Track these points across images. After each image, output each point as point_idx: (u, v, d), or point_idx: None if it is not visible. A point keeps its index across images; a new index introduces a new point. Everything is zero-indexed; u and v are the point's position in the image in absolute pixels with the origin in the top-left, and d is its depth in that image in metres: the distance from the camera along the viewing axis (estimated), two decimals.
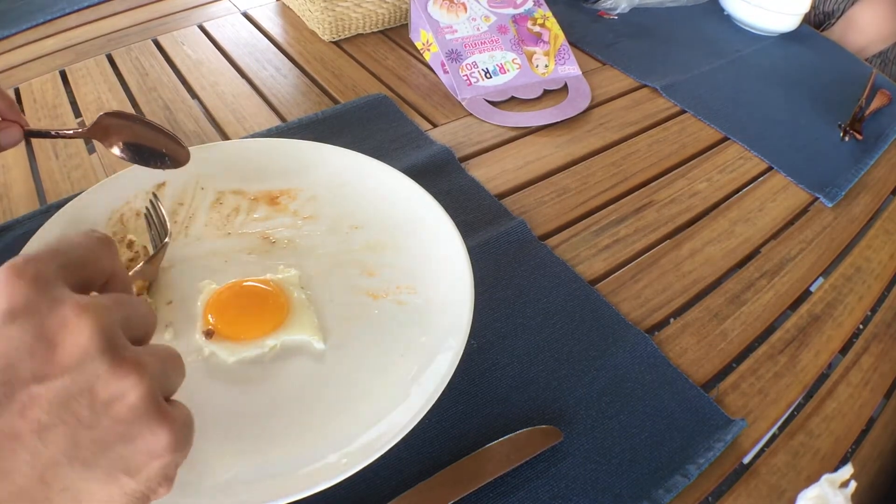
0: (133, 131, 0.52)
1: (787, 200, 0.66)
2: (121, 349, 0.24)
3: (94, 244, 0.27)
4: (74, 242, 0.27)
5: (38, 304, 0.23)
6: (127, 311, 0.26)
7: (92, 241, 0.27)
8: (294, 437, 0.41)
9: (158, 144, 0.52)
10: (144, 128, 0.52)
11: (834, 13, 1.06)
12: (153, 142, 0.52)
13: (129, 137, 0.52)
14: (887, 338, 0.54)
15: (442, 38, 0.77)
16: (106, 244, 0.28)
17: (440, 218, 0.53)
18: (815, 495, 0.37)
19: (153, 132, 0.52)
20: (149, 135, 0.52)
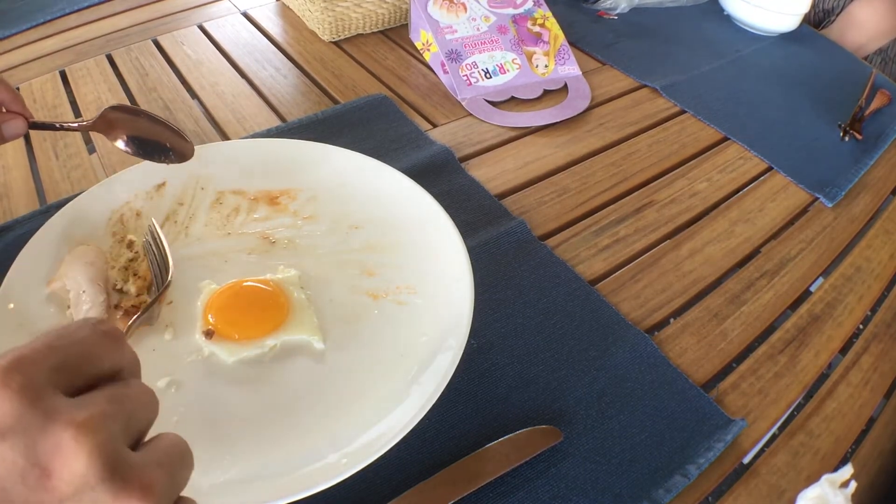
0: (137, 125, 0.52)
1: (787, 200, 0.66)
2: (123, 471, 0.22)
3: (97, 340, 0.25)
4: (74, 337, 0.24)
5: (29, 420, 0.20)
6: (128, 408, 0.24)
7: (96, 335, 0.25)
8: (294, 437, 0.41)
9: (163, 138, 0.52)
10: (149, 122, 0.52)
11: (833, 10, 1.06)
12: (157, 135, 0.52)
13: (134, 131, 0.52)
14: (887, 338, 0.54)
15: (442, 38, 0.77)
16: (111, 339, 0.25)
17: (440, 218, 0.53)
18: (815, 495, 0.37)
19: (157, 126, 0.52)
20: (153, 129, 0.52)
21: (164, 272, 0.48)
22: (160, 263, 0.48)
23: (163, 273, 0.48)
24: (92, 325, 0.25)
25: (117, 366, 0.26)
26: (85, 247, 0.50)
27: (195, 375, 0.44)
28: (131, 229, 0.53)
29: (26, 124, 0.48)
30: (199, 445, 0.40)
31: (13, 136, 0.47)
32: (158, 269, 0.48)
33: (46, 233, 0.50)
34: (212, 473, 0.39)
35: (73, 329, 0.25)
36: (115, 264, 0.50)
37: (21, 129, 0.48)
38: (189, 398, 0.42)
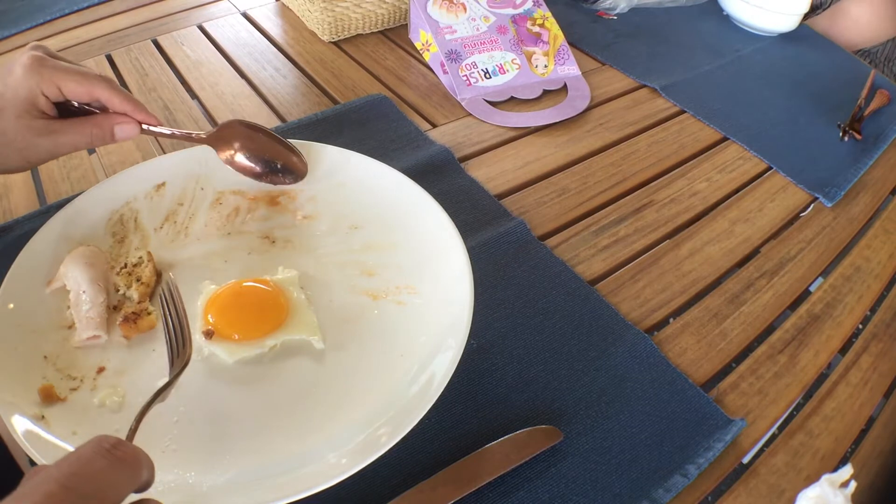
0: (253, 141, 0.53)
1: (787, 200, 0.66)
2: None
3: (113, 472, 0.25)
4: (90, 471, 0.24)
5: None
6: None
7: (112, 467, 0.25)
8: (294, 437, 0.41)
9: (277, 157, 0.53)
10: (266, 138, 0.53)
11: (822, 5, 1.06)
12: (272, 154, 0.53)
13: (248, 148, 0.53)
14: (887, 337, 0.54)
15: (441, 38, 0.77)
16: (128, 468, 0.26)
17: (440, 218, 0.53)
18: (815, 495, 0.37)
19: (274, 144, 0.53)
20: (269, 146, 0.53)
21: (183, 343, 0.40)
22: (177, 331, 0.41)
23: (179, 343, 0.40)
24: (108, 453, 0.25)
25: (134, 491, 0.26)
26: (85, 247, 0.50)
27: (195, 375, 0.44)
28: (131, 229, 0.53)
29: (138, 128, 0.49)
30: (199, 446, 0.40)
31: (125, 138, 0.49)
32: (175, 338, 0.41)
33: (46, 233, 0.50)
34: (211, 474, 0.39)
35: (87, 459, 0.25)
36: (115, 265, 0.50)
37: (135, 133, 0.49)
38: (189, 398, 0.42)
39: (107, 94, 0.47)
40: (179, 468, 0.39)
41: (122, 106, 0.48)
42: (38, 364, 0.43)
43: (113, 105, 0.48)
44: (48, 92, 0.45)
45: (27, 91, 0.44)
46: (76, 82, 0.45)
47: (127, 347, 0.45)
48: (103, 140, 0.48)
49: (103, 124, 0.47)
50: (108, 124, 0.47)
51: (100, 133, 0.47)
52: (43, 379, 0.42)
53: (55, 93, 0.45)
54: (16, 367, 0.42)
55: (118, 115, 0.48)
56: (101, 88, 0.46)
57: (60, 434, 0.39)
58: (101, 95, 0.47)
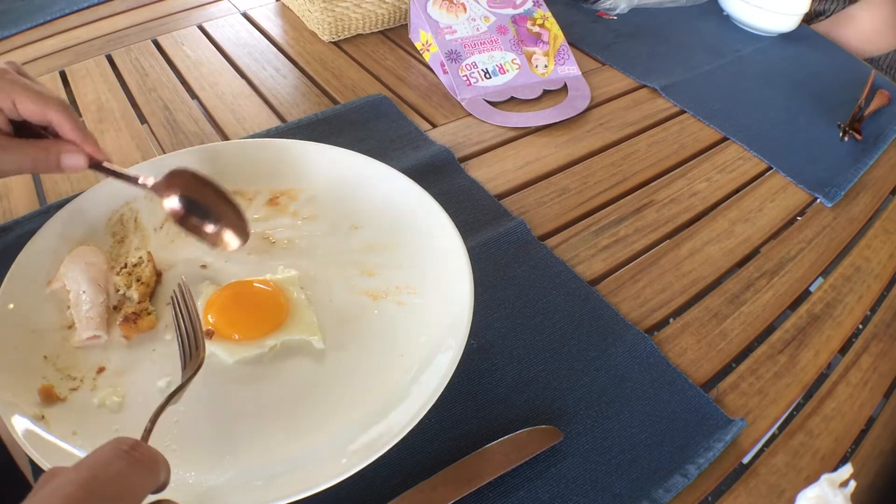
0: (201, 197, 0.48)
1: (787, 200, 0.66)
2: None
3: (133, 474, 0.25)
4: (109, 474, 0.25)
5: None
6: None
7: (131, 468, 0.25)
8: (294, 437, 0.41)
9: (223, 217, 0.48)
10: (214, 196, 0.48)
11: (825, 13, 1.06)
12: (218, 213, 0.48)
13: (194, 203, 0.48)
14: (887, 337, 0.54)
15: (441, 38, 0.77)
16: (147, 469, 0.26)
17: (440, 218, 0.53)
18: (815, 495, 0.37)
19: (220, 202, 0.48)
20: (215, 204, 0.48)
21: (196, 345, 0.40)
22: (190, 333, 0.41)
23: (192, 346, 0.40)
24: (126, 455, 0.25)
25: (152, 491, 0.26)
26: (85, 247, 0.50)
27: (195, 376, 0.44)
28: (131, 229, 0.53)
29: (86, 161, 0.46)
30: (198, 446, 0.40)
31: (72, 170, 0.46)
32: (188, 340, 0.40)
33: (46, 233, 0.50)
34: (211, 474, 0.39)
35: (106, 462, 0.25)
36: (115, 265, 0.50)
37: (81, 165, 0.46)
38: (189, 398, 0.42)
39: (59, 118, 0.44)
40: (179, 468, 0.38)
41: (72, 134, 0.45)
42: (38, 364, 0.43)
43: (63, 131, 0.45)
44: (2, 104, 0.43)
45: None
46: (31, 100, 0.44)
47: (127, 347, 0.45)
48: (48, 166, 0.45)
49: (51, 149, 0.45)
50: (55, 150, 0.45)
51: (45, 157, 0.45)
52: (43, 379, 0.42)
53: (9, 107, 0.44)
54: (16, 367, 0.42)
55: (68, 144, 0.46)
56: (55, 111, 0.44)
57: (60, 434, 0.39)
58: (53, 119, 0.44)
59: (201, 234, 0.49)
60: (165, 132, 0.68)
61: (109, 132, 0.67)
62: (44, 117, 0.44)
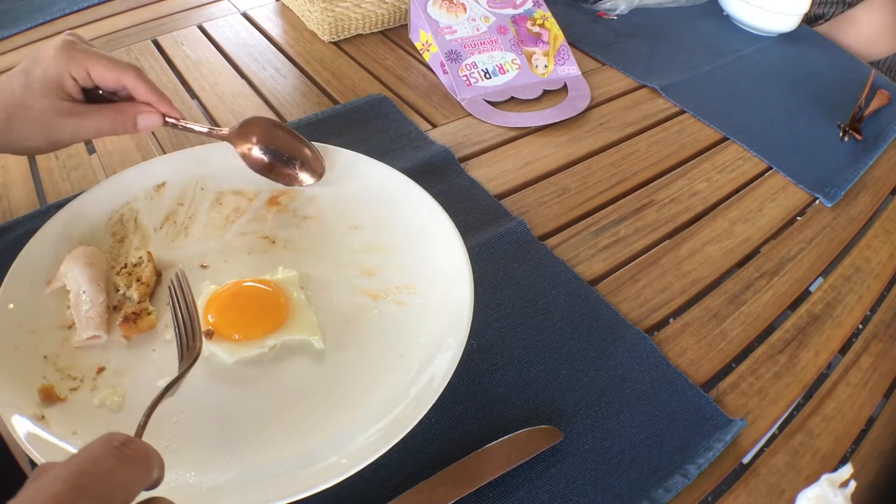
0: (274, 140, 0.54)
1: (787, 200, 0.66)
2: None
3: (123, 471, 0.25)
4: (99, 471, 0.24)
5: None
6: None
7: (122, 465, 0.25)
8: (294, 437, 0.41)
9: (297, 156, 0.54)
10: (287, 137, 0.54)
11: (823, 16, 1.06)
12: (291, 152, 0.54)
13: (268, 146, 0.54)
14: (887, 337, 0.54)
15: (441, 38, 0.77)
16: (138, 465, 0.26)
17: (440, 218, 0.53)
18: (815, 495, 0.37)
19: (293, 142, 0.54)
20: (289, 145, 0.54)
21: (192, 336, 0.40)
22: (186, 324, 0.40)
23: (189, 336, 0.40)
24: (118, 451, 0.25)
25: (144, 488, 0.26)
26: (85, 247, 0.50)
27: (195, 375, 0.44)
28: (131, 229, 0.53)
29: (161, 119, 0.50)
30: (198, 446, 0.40)
31: (147, 128, 0.49)
32: (184, 331, 0.40)
33: (46, 233, 0.50)
34: (211, 474, 0.39)
35: (97, 458, 0.24)
36: (115, 265, 0.50)
37: (157, 124, 0.49)
38: (189, 398, 0.42)
39: (133, 81, 0.47)
40: (179, 468, 0.39)
41: (147, 96, 0.48)
42: (38, 364, 0.43)
43: (138, 94, 0.48)
44: (76, 74, 0.46)
45: (56, 71, 0.45)
46: (105, 67, 0.46)
47: (127, 347, 0.45)
48: (125, 127, 0.48)
49: (127, 111, 0.48)
50: (131, 112, 0.48)
51: (122, 119, 0.48)
52: (43, 379, 0.42)
53: (83, 76, 0.46)
54: (16, 367, 0.42)
55: (142, 105, 0.49)
56: (129, 76, 0.47)
57: (60, 434, 0.39)
58: (128, 83, 0.47)
59: (280, 175, 0.56)
60: (165, 132, 0.68)
61: None
62: (118, 82, 0.47)
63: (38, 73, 0.46)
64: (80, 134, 0.48)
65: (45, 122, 0.46)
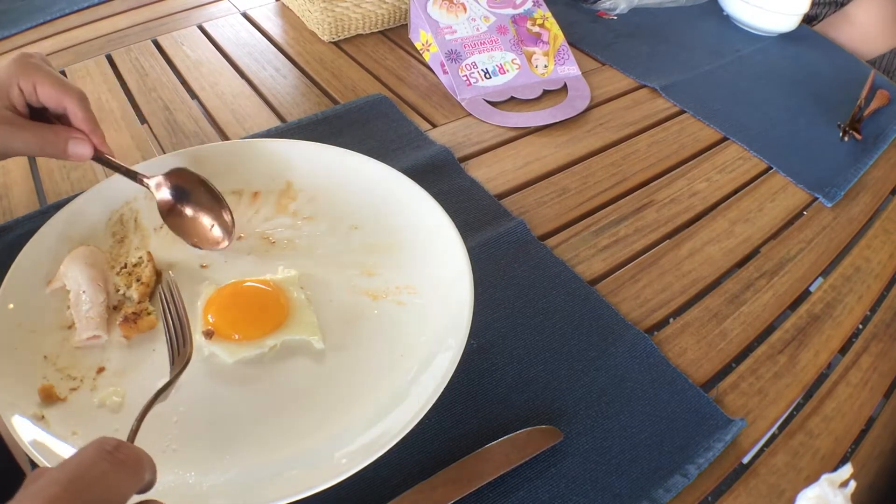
0: (195, 195, 0.52)
1: (787, 200, 0.66)
2: None
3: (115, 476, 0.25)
4: (92, 476, 0.25)
5: None
6: None
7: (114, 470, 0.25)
8: (294, 437, 0.41)
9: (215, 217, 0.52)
10: (207, 195, 0.52)
11: (817, 17, 1.06)
12: (209, 212, 0.52)
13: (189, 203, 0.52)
14: (887, 337, 0.54)
15: (441, 38, 0.77)
16: (130, 471, 0.26)
17: (440, 218, 0.53)
18: (815, 495, 0.37)
19: (212, 202, 0.52)
20: (208, 204, 0.52)
21: (183, 341, 0.40)
22: (177, 329, 0.40)
23: (180, 342, 0.40)
24: (110, 456, 0.25)
25: (137, 492, 0.26)
26: (85, 247, 0.50)
27: (195, 376, 0.44)
28: (131, 229, 0.53)
29: (91, 150, 0.48)
30: (199, 446, 0.40)
31: (77, 158, 0.48)
32: (175, 336, 0.40)
33: (46, 233, 0.50)
34: (212, 474, 0.39)
35: (89, 463, 0.25)
36: (115, 265, 0.50)
37: (86, 155, 0.48)
38: (189, 398, 0.42)
39: (74, 106, 0.47)
40: (179, 468, 0.39)
41: (83, 124, 0.48)
42: (38, 364, 0.43)
43: (76, 119, 0.47)
44: (24, 86, 0.46)
45: (6, 77, 0.46)
46: (51, 85, 0.46)
47: (127, 347, 0.45)
48: (55, 149, 0.47)
49: (60, 134, 0.47)
50: (64, 135, 0.47)
51: (54, 140, 0.47)
52: (43, 379, 0.42)
53: (30, 89, 0.46)
54: (16, 367, 0.42)
55: (77, 132, 0.48)
56: (71, 99, 0.47)
57: (60, 434, 0.39)
58: (69, 106, 0.47)
59: (187, 233, 0.52)
60: (165, 132, 0.68)
61: (109, 132, 0.67)
62: (60, 104, 0.47)
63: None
64: (10, 145, 0.46)
65: None
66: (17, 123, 0.46)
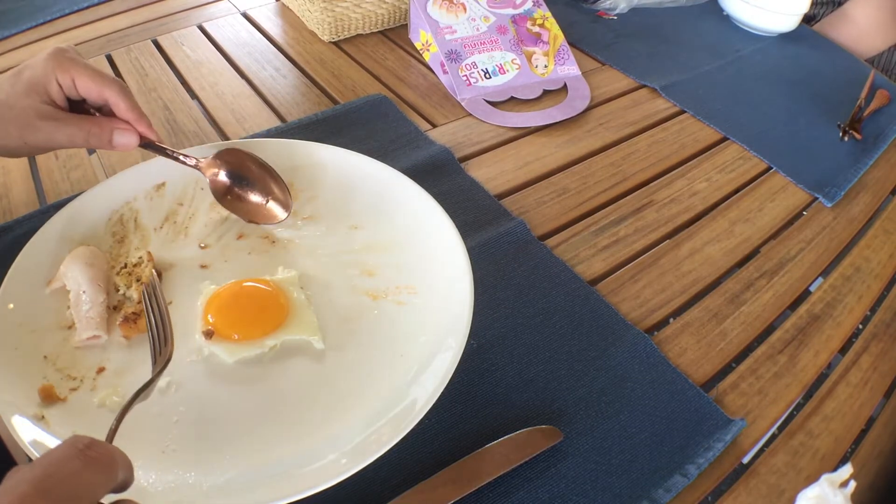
0: (247, 174, 0.53)
1: (787, 200, 0.66)
2: None
3: (87, 473, 0.25)
4: (64, 473, 0.25)
5: None
6: None
7: (86, 467, 0.25)
8: (294, 437, 0.41)
9: (267, 193, 0.53)
10: (259, 171, 0.53)
11: (815, 17, 1.06)
12: (262, 189, 0.53)
13: (240, 181, 0.53)
14: (887, 337, 0.54)
15: (441, 38, 0.77)
16: (102, 467, 0.26)
17: (440, 218, 0.53)
18: (815, 495, 0.37)
19: (264, 173, 0.53)
20: (260, 181, 0.53)
21: (164, 340, 0.39)
22: (159, 328, 0.40)
23: (161, 341, 0.40)
24: (81, 454, 0.25)
25: (108, 489, 0.26)
26: (85, 247, 0.50)
27: (195, 376, 0.44)
28: (131, 229, 0.53)
29: (137, 139, 0.49)
30: (199, 446, 0.40)
31: (123, 147, 0.49)
32: (157, 335, 0.40)
33: (46, 233, 0.50)
34: (212, 474, 0.39)
35: (61, 460, 0.25)
36: (115, 265, 0.50)
37: (132, 144, 0.49)
38: (189, 398, 0.43)
39: (116, 97, 0.47)
40: (179, 468, 0.39)
41: (127, 113, 0.48)
42: (38, 364, 0.43)
43: (119, 110, 0.48)
44: (62, 80, 0.46)
45: (43, 74, 0.46)
46: (90, 78, 0.46)
47: (127, 347, 0.45)
48: (100, 141, 0.48)
49: (104, 126, 0.48)
50: (108, 127, 0.48)
51: (98, 133, 0.48)
52: (43, 379, 0.42)
53: (69, 83, 0.46)
54: (16, 367, 0.42)
55: (121, 122, 0.48)
56: (112, 90, 0.47)
57: (60, 434, 0.39)
58: (110, 97, 0.47)
59: (243, 210, 0.54)
60: (165, 132, 0.68)
61: None
62: (101, 95, 0.47)
63: (26, 75, 0.46)
64: (55, 139, 0.47)
65: (24, 121, 0.46)
66: (60, 118, 0.47)
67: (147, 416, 0.41)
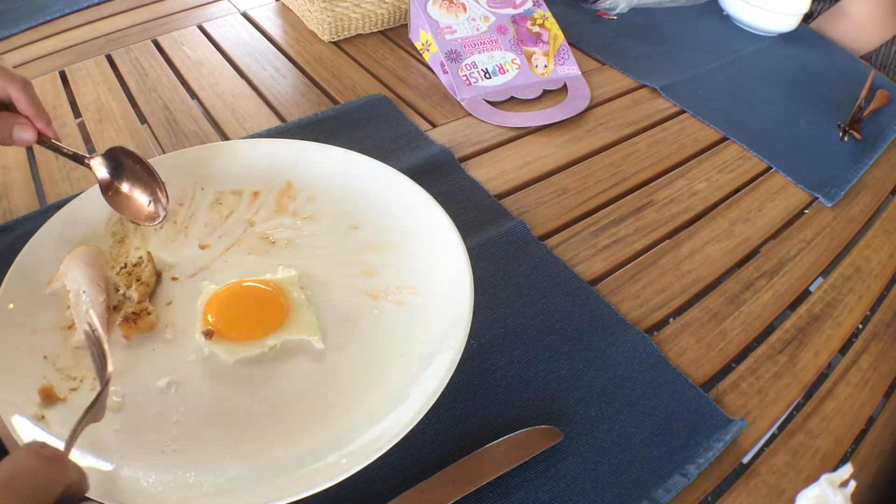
0: (134, 172, 0.52)
1: (787, 200, 0.66)
2: None
3: (45, 469, 0.29)
4: (25, 471, 0.29)
5: None
6: None
7: (43, 465, 0.29)
8: (294, 437, 0.41)
9: (150, 193, 0.52)
10: (144, 172, 0.52)
11: (812, 14, 1.06)
12: (146, 189, 0.52)
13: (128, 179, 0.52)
14: (887, 337, 0.54)
15: (441, 38, 0.77)
16: (56, 464, 0.30)
17: (440, 218, 0.53)
18: (815, 495, 0.37)
19: (150, 177, 0.52)
20: (145, 180, 0.52)
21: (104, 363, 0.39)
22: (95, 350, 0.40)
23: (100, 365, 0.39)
24: (36, 453, 0.29)
25: (67, 485, 0.30)
26: (85, 247, 0.50)
27: (195, 375, 0.44)
28: (131, 230, 0.53)
29: (35, 135, 0.49)
30: (199, 446, 0.40)
31: (21, 142, 0.49)
32: (98, 359, 0.40)
33: (46, 233, 0.50)
34: (212, 474, 0.39)
35: (22, 459, 0.29)
36: (115, 265, 0.50)
37: (30, 139, 0.49)
38: (189, 398, 0.43)
39: (17, 93, 0.48)
40: (179, 468, 0.39)
41: (27, 109, 0.49)
42: (38, 364, 0.43)
43: (20, 105, 0.48)
44: None
45: None
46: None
47: (127, 347, 0.45)
48: (1, 135, 0.48)
49: (7, 120, 0.48)
50: (10, 122, 0.48)
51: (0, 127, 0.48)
52: (43, 379, 0.42)
53: None
54: (16, 367, 0.42)
55: (22, 117, 0.49)
56: (15, 86, 0.48)
57: (60, 434, 0.39)
58: (12, 93, 0.48)
59: (126, 208, 0.52)
60: (165, 132, 0.68)
61: (109, 132, 0.67)
62: (3, 91, 0.48)
63: None
64: None
65: None
66: None
67: (147, 416, 0.41)
